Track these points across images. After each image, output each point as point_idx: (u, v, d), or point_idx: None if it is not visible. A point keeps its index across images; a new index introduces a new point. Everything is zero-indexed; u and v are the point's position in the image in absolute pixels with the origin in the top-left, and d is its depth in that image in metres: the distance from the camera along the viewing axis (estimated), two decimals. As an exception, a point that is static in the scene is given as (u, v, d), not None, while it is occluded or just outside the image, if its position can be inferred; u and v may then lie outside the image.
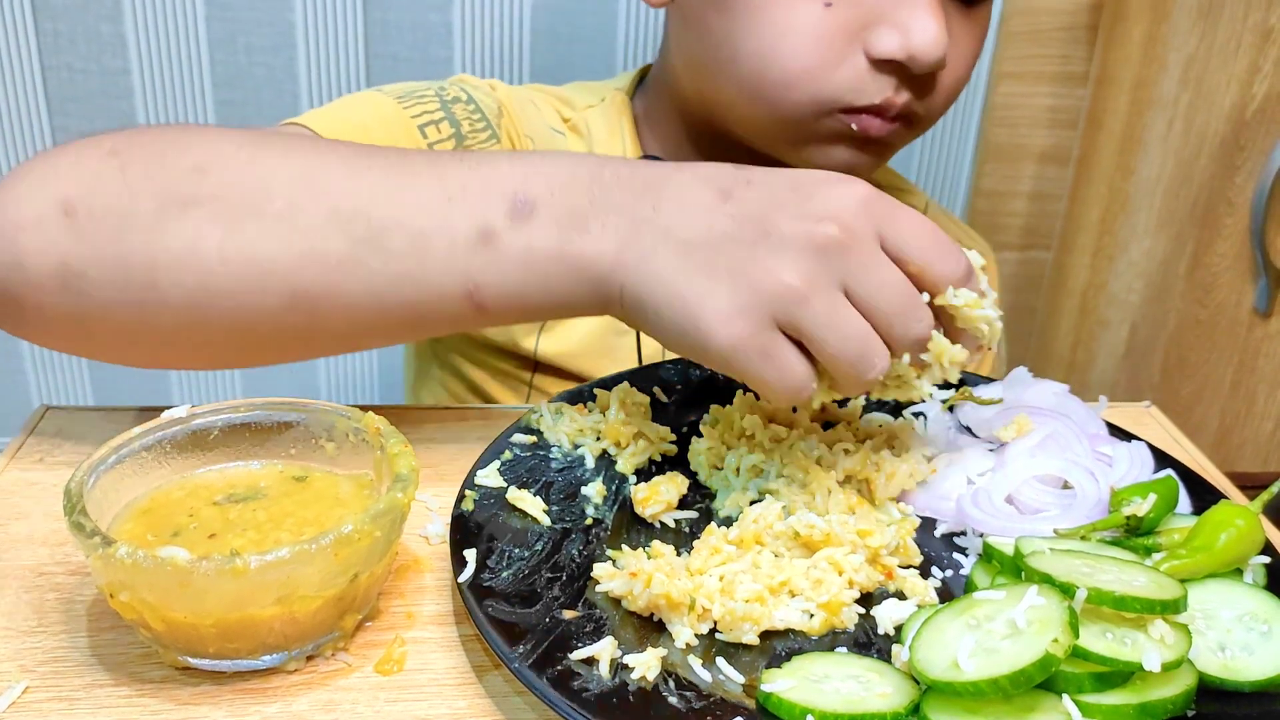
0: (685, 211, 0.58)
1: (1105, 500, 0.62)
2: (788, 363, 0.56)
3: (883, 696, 0.48)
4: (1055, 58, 1.51)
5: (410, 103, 0.83)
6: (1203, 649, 0.51)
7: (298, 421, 0.59)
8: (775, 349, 0.55)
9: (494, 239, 0.58)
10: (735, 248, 0.56)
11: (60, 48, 1.32)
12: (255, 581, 0.47)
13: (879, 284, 0.55)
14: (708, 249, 0.56)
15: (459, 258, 0.58)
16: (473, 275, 0.59)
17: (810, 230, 0.55)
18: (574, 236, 0.58)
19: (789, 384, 0.56)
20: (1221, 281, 1.34)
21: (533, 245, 0.58)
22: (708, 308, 0.55)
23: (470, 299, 0.59)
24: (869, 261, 0.55)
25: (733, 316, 0.55)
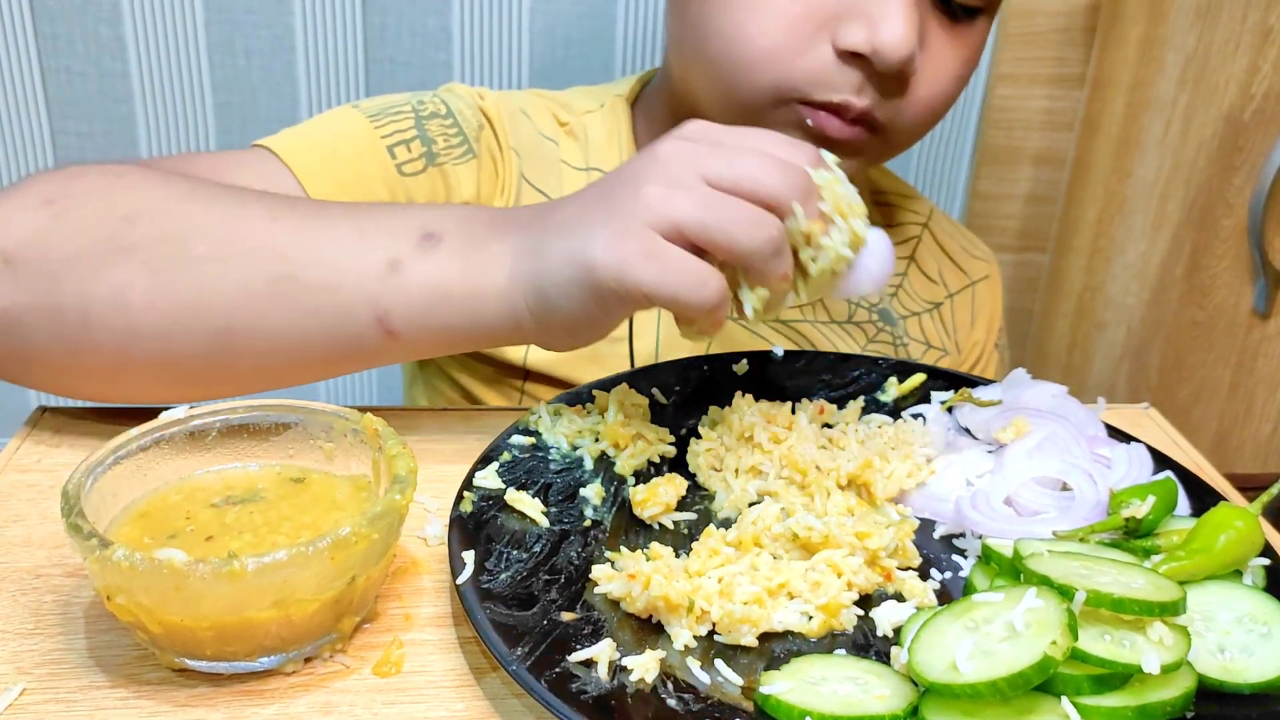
0: (561, 208, 0.62)
1: (1104, 502, 0.62)
2: (680, 259, 0.56)
3: (881, 699, 0.48)
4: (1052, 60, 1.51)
5: (383, 121, 0.83)
6: (1202, 651, 0.51)
7: (295, 423, 0.59)
8: (660, 250, 0.56)
9: (401, 267, 0.62)
10: (601, 201, 0.60)
11: (59, 50, 1.32)
12: (252, 584, 0.47)
13: (729, 160, 0.58)
14: (580, 216, 0.60)
15: (369, 286, 0.62)
16: (382, 303, 0.62)
17: (652, 154, 0.59)
18: (475, 259, 0.62)
19: (688, 277, 0.56)
20: (1220, 283, 1.34)
21: (437, 271, 0.62)
22: (590, 248, 0.58)
23: (381, 325, 0.62)
24: (714, 149, 0.58)
25: (612, 241, 0.57)
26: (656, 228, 0.56)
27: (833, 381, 0.77)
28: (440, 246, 0.62)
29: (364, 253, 0.62)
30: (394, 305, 0.62)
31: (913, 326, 0.99)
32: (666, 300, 0.56)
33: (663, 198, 0.57)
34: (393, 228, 0.63)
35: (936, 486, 0.66)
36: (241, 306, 0.62)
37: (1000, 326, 1.08)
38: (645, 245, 0.56)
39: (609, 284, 0.57)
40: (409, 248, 0.62)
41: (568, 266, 0.58)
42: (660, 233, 0.56)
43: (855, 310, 0.96)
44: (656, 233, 0.56)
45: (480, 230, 0.63)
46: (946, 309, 1.02)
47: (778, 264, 0.58)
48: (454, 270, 0.62)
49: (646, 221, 0.56)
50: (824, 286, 0.61)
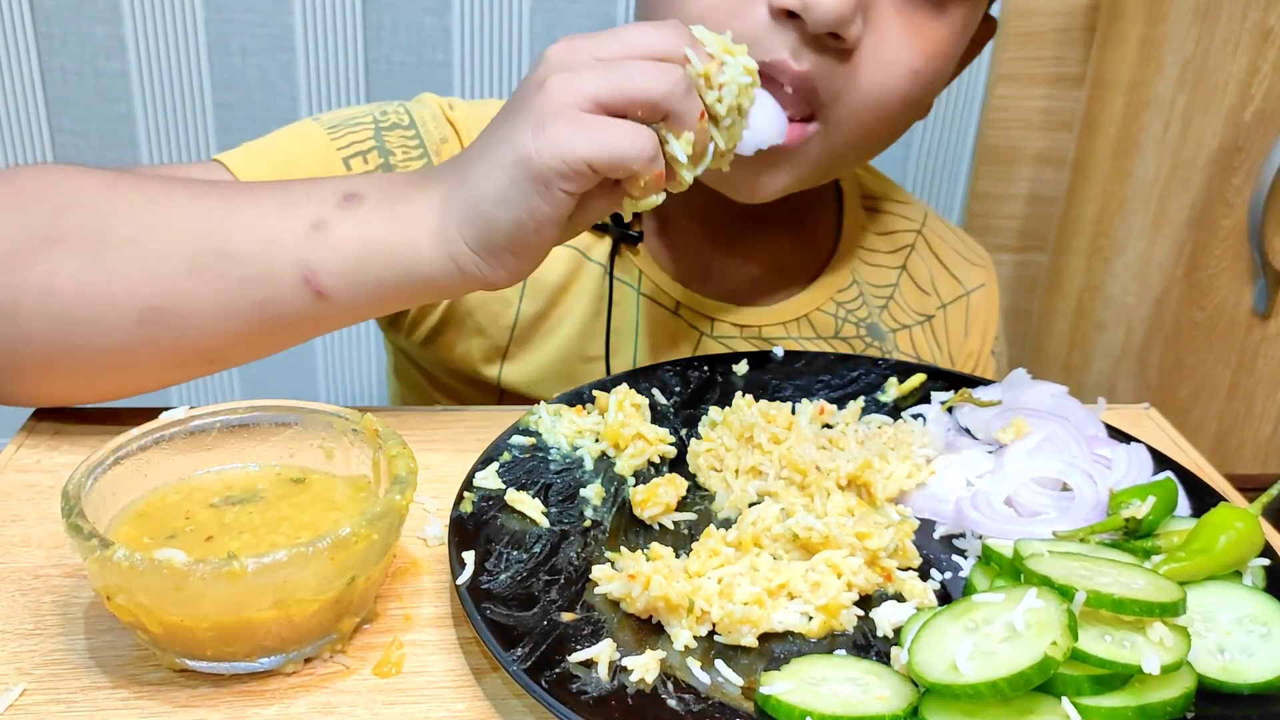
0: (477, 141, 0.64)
1: (1104, 502, 0.62)
2: (606, 122, 0.58)
3: (881, 699, 0.48)
4: (1051, 60, 1.51)
5: (341, 133, 0.83)
6: (1202, 651, 0.51)
7: (295, 423, 0.59)
8: (589, 119, 0.58)
9: (325, 226, 0.62)
10: (512, 115, 0.61)
11: (58, 50, 1.32)
12: (252, 584, 0.47)
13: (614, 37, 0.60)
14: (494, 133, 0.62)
15: (293, 248, 0.62)
16: (309, 263, 0.62)
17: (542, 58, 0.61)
18: (400, 209, 0.63)
19: (623, 136, 0.58)
20: (1219, 283, 1.34)
21: (364, 225, 0.62)
22: (519, 146, 0.59)
23: (309, 285, 0.62)
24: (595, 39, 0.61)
25: (538, 130, 0.58)
26: (576, 105, 0.58)
27: (832, 382, 0.77)
28: (363, 204, 0.63)
29: (287, 218, 0.63)
30: (321, 263, 0.62)
31: (903, 340, 0.97)
32: (607, 160, 0.58)
33: (568, 80, 0.58)
34: (312, 193, 0.64)
35: (936, 487, 0.66)
36: (167, 284, 0.62)
37: (997, 333, 1.06)
38: (571, 119, 0.58)
39: (549, 165, 0.58)
40: (331, 208, 0.63)
41: (500, 172, 0.59)
42: (580, 109, 0.58)
43: (842, 326, 0.94)
44: (578, 109, 0.58)
45: (401, 187, 0.64)
46: (939, 320, 1.00)
47: (692, 102, 0.60)
48: (380, 223, 0.62)
49: (561, 104, 0.58)
50: (735, 130, 0.64)
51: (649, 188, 0.61)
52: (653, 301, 0.88)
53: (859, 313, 0.95)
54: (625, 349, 0.88)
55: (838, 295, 0.94)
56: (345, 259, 0.62)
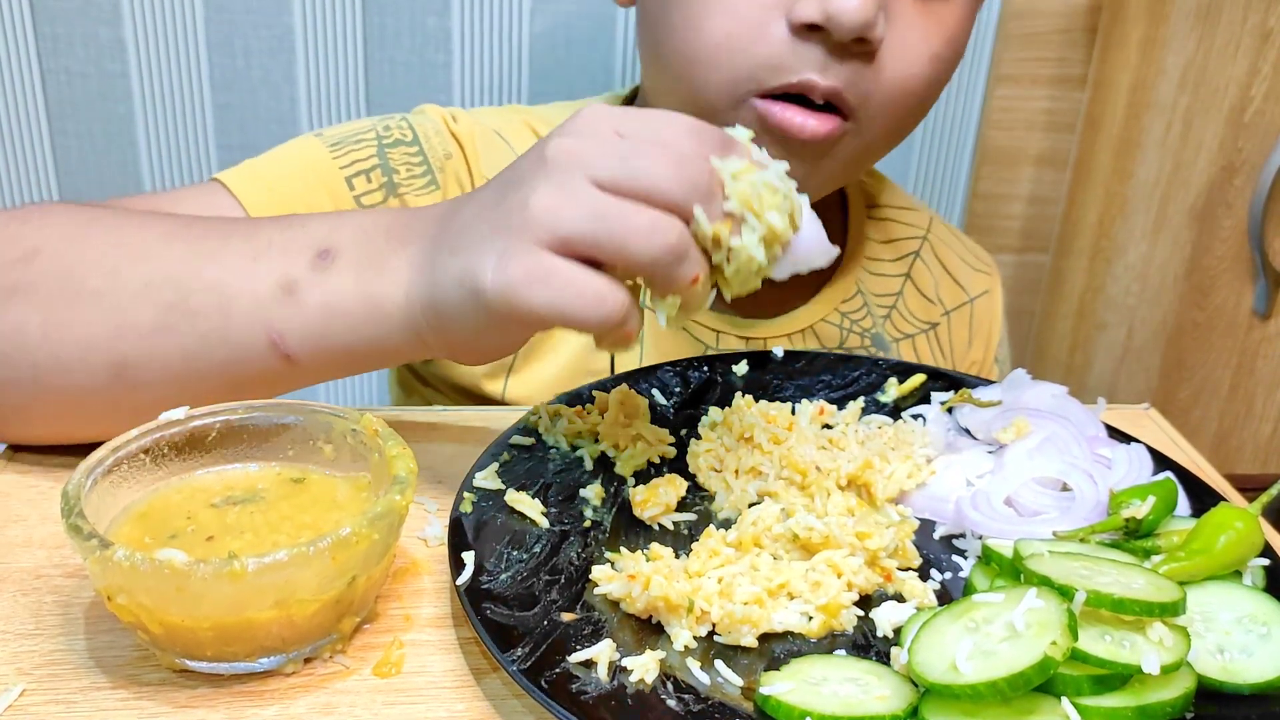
0: (460, 214, 0.58)
1: (1104, 502, 0.62)
2: (572, 278, 0.52)
3: (881, 699, 0.48)
4: (1053, 61, 1.51)
5: (343, 150, 0.82)
6: (1201, 651, 0.51)
7: (295, 423, 0.59)
8: (552, 269, 0.52)
9: (295, 289, 0.60)
10: (490, 210, 0.55)
11: (59, 51, 1.32)
12: (253, 584, 0.47)
13: (621, 157, 0.52)
14: (471, 227, 0.56)
15: (261, 311, 0.60)
16: (276, 326, 0.60)
17: (540, 155, 0.54)
18: (372, 278, 0.59)
19: (584, 297, 0.51)
20: (1220, 284, 1.34)
21: (333, 291, 0.59)
22: (478, 270, 0.53)
23: (275, 350, 0.60)
24: (606, 147, 0.53)
25: (500, 263, 0.52)
26: (545, 244, 0.52)
27: (833, 382, 0.77)
28: (336, 264, 0.60)
29: (256, 275, 0.60)
30: (289, 329, 0.60)
31: (905, 350, 0.97)
32: (562, 322, 0.52)
33: (549, 210, 0.52)
34: (286, 245, 0.61)
35: (936, 487, 0.66)
36: (134, 339, 0.60)
37: (1001, 339, 1.05)
38: (533, 266, 0.52)
39: (501, 309, 0.53)
40: (303, 267, 0.60)
41: (459, 289, 0.55)
42: (549, 249, 0.52)
43: (847, 337, 0.94)
44: (546, 249, 0.52)
45: (379, 243, 0.60)
46: (943, 328, 1.00)
47: (683, 270, 0.52)
48: (349, 289, 0.59)
49: (535, 238, 0.52)
50: (748, 282, 0.56)
51: (615, 344, 0.55)
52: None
53: (863, 323, 0.95)
54: (630, 364, 0.87)
55: (842, 306, 0.94)
56: (313, 325, 0.60)
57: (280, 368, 0.61)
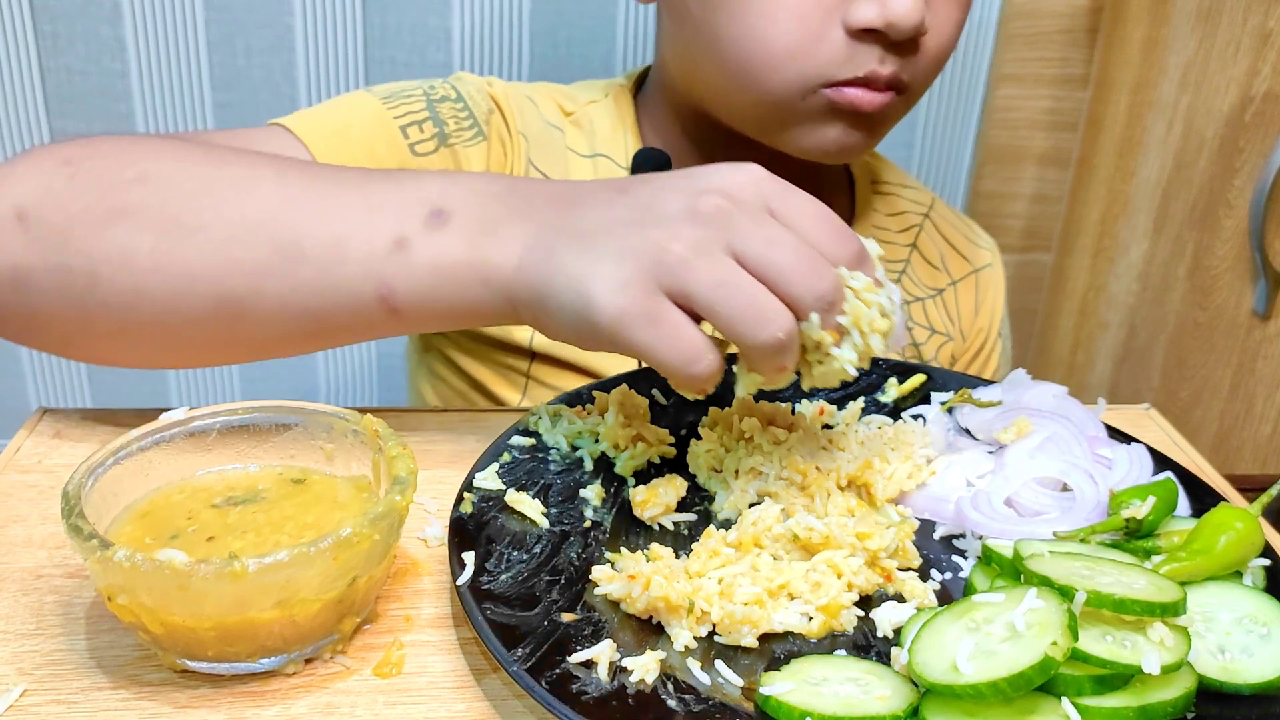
0: (585, 209, 0.59)
1: (1104, 503, 0.62)
2: (678, 329, 0.54)
3: (882, 699, 0.48)
4: (1055, 60, 1.51)
5: (395, 103, 0.84)
6: (1202, 651, 0.51)
7: (296, 424, 0.59)
8: (663, 315, 0.54)
9: (408, 246, 0.60)
10: (625, 229, 0.56)
11: (59, 49, 1.32)
12: (254, 585, 0.47)
13: (767, 241, 0.54)
14: (601, 234, 0.57)
15: (374, 263, 0.60)
16: (386, 280, 0.60)
17: (693, 202, 0.56)
18: (483, 244, 0.60)
19: (681, 351, 0.54)
20: (1221, 284, 1.34)
21: (444, 252, 0.60)
22: (596, 282, 0.55)
23: (384, 303, 0.61)
24: (755, 223, 0.55)
25: (619, 288, 0.54)
26: (666, 289, 0.54)
27: (833, 382, 0.77)
28: (449, 224, 0.60)
29: (371, 227, 0.61)
30: (398, 283, 0.61)
31: (916, 312, 1.00)
32: (655, 365, 0.55)
33: (683, 261, 0.54)
34: (402, 201, 0.61)
35: (937, 487, 0.66)
36: (243, 275, 0.61)
37: (1003, 315, 1.08)
38: (649, 307, 0.54)
39: (605, 330, 0.55)
40: (417, 225, 0.60)
41: (570, 292, 0.56)
42: (668, 294, 0.54)
43: None
44: (665, 294, 0.54)
45: (493, 209, 0.61)
46: (950, 295, 1.03)
47: (778, 360, 0.55)
48: (459, 254, 0.60)
49: (658, 281, 0.54)
50: (828, 381, 0.59)
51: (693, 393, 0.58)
52: None
53: None
54: None
55: None
56: (421, 282, 0.61)
57: (383, 319, 0.62)
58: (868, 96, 0.81)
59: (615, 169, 0.92)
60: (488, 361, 0.92)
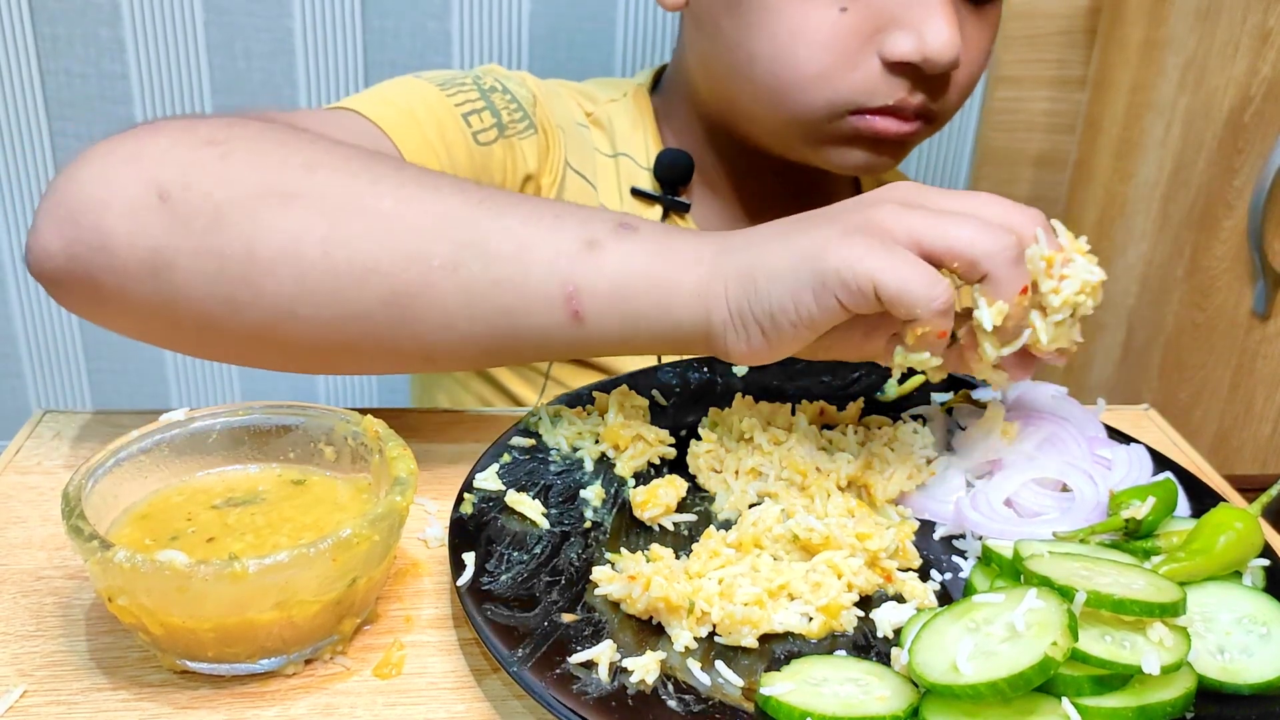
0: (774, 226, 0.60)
1: (1104, 503, 0.62)
2: (912, 258, 0.54)
3: (881, 700, 0.48)
4: (1053, 62, 1.51)
5: (452, 90, 0.83)
6: (1202, 652, 0.52)
7: (296, 425, 0.59)
8: (896, 249, 0.55)
9: (598, 247, 0.59)
10: (835, 213, 0.58)
11: (59, 52, 1.32)
12: (254, 586, 0.47)
13: (962, 199, 0.57)
14: (803, 226, 0.58)
15: (562, 263, 0.59)
16: (574, 278, 0.59)
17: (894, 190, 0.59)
18: (672, 247, 0.60)
19: (920, 278, 0.54)
20: (1219, 284, 1.34)
21: (634, 254, 0.59)
22: (823, 241, 0.56)
23: (569, 304, 0.59)
24: (956, 193, 0.58)
25: (849, 235, 0.55)
26: (893, 234, 0.55)
27: (832, 382, 0.77)
28: (637, 234, 0.60)
29: (558, 231, 0.59)
30: (585, 284, 0.59)
31: None
32: (893, 290, 0.53)
33: (897, 212, 0.55)
34: (587, 215, 0.61)
35: (937, 487, 0.66)
36: (421, 269, 0.58)
37: None
38: (882, 241, 0.55)
39: (836, 269, 0.54)
40: (606, 231, 0.59)
41: (788, 252, 0.56)
42: (897, 240, 0.55)
43: None
44: (894, 238, 0.55)
45: (676, 230, 0.62)
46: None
47: (1018, 273, 0.55)
48: (650, 256, 0.59)
49: (879, 226, 0.55)
50: (1065, 331, 0.58)
51: (924, 341, 0.56)
52: None
53: None
54: None
55: None
56: (609, 284, 0.59)
57: (566, 326, 0.60)
58: (895, 125, 0.81)
59: (637, 169, 0.91)
60: None
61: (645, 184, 0.91)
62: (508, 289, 0.59)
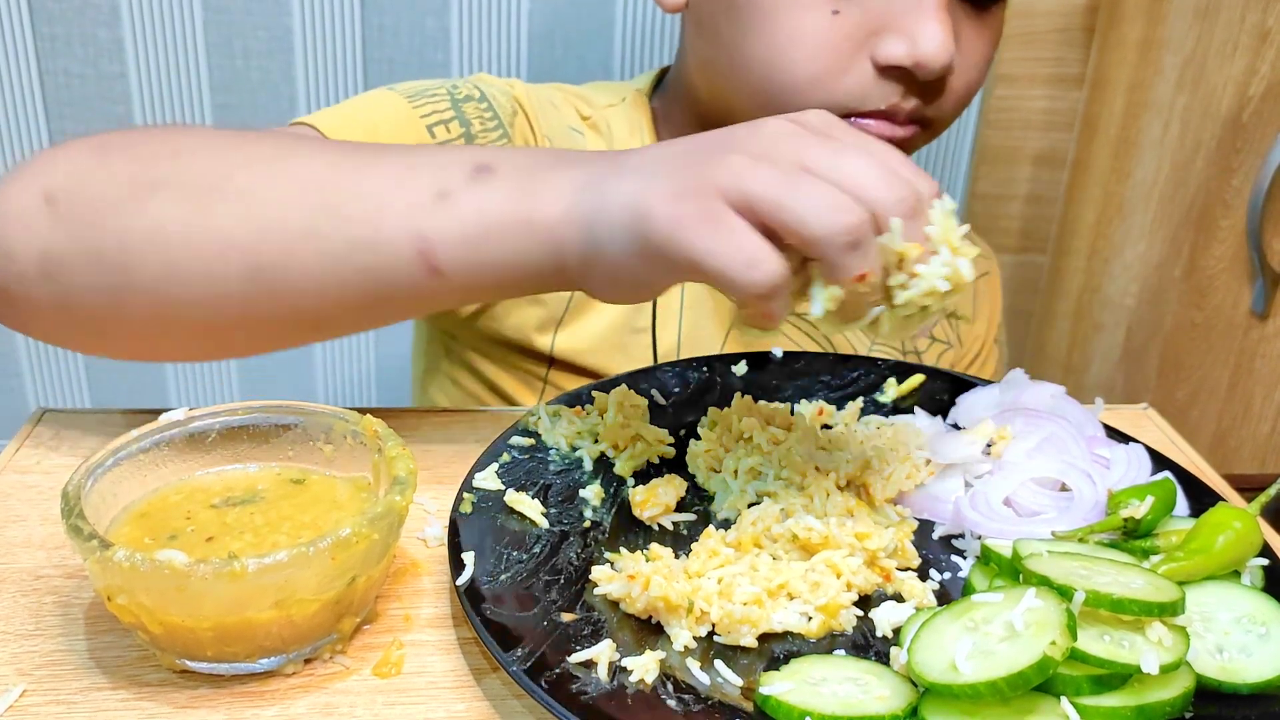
0: (641, 152, 0.57)
1: (1103, 502, 0.62)
2: (738, 233, 0.50)
3: (881, 699, 0.48)
4: (1051, 60, 1.51)
5: (421, 102, 0.83)
6: (1200, 651, 0.52)
7: (295, 424, 0.59)
8: (721, 218, 0.50)
9: (450, 197, 0.57)
10: (684, 155, 0.54)
11: (58, 52, 1.32)
12: (253, 585, 0.47)
13: (836, 150, 0.51)
14: (657, 159, 0.55)
15: (414, 217, 0.57)
16: (426, 233, 0.57)
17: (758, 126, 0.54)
18: (531, 189, 0.57)
19: (739, 256, 0.50)
20: (1218, 284, 1.34)
21: (488, 202, 0.57)
22: (651, 196, 0.52)
23: (424, 259, 0.57)
24: (823, 139, 0.52)
25: (677, 196, 0.52)
26: (726, 196, 0.50)
27: (831, 382, 0.77)
28: (494, 177, 0.57)
29: (411, 183, 0.58)
30: (439, 236, 0.57)
31: None
32: (711, 272, 0.50)
33: (745, 166, 0.51)
34: (444, 161, 0.59)
35: (935, 487, 0.66)
36: (278, 241, 0.58)
37: (1000, 322, 1.09)
38: (706, 209, 0.51)
39: (659, 241, 0.52)
40: (461, 178, 0.57)
41: (624, 211, 0.53)
42: (730, 203, 0.50)
43: None
44: (725, 201, 0.51)
45: (542, 165, 0.58)
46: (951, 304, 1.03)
47: (854, 259, 0.50)
48: (507, 200, 0.57)
49: (719, 186, 0.51)
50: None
51: (754, 320, 0.53)
52: None
53: None
54: (671, 322, 0.90)
55: None
56: (465, 234, 0.57)
57: (425, 280, 0.58)
58: (888, 130, 0.81)
59: None
60: (507, 365, 0.92)
61: None
62: (364, 249, 0.58)
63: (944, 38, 0.76)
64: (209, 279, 0.59)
